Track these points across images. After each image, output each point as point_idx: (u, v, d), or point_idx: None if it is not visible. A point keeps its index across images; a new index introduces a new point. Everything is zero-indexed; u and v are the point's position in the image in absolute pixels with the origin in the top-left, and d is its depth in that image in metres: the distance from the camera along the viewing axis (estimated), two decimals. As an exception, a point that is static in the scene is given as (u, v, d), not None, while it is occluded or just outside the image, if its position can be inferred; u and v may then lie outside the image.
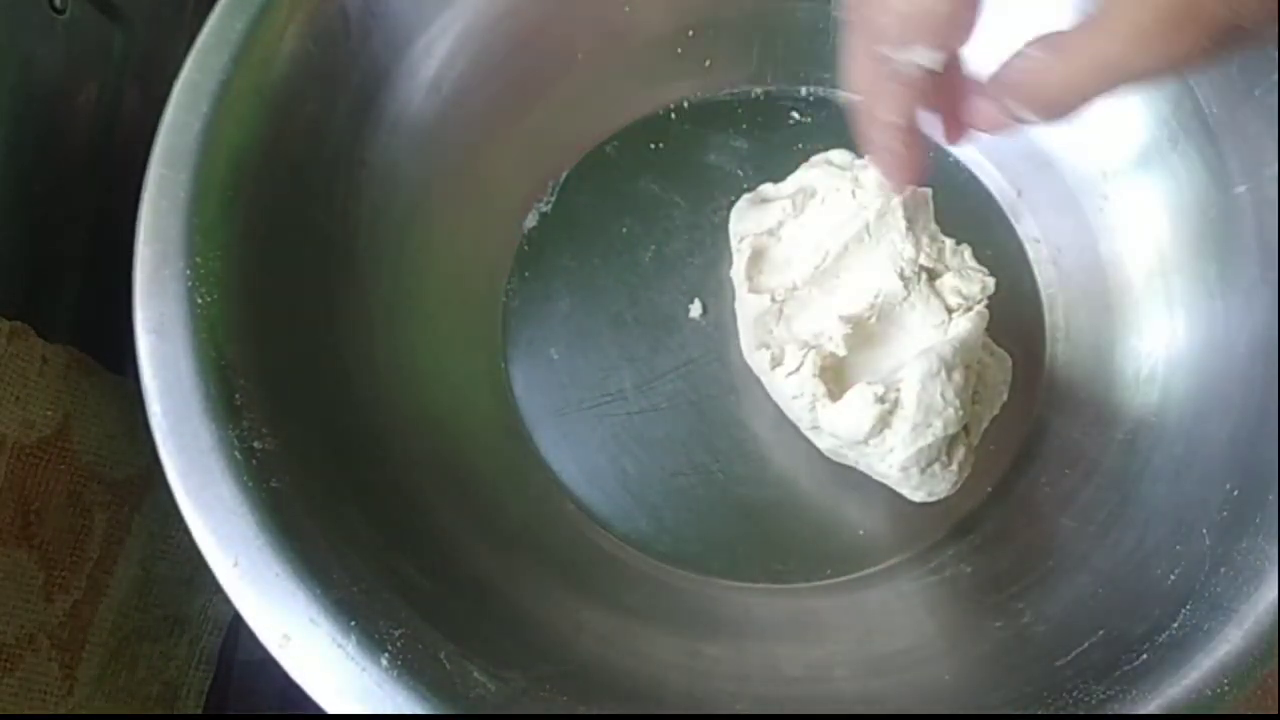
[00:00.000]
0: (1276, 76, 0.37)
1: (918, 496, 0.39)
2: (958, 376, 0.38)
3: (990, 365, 0.41)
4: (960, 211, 0.44)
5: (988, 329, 0.40)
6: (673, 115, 0.48)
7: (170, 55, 0.39)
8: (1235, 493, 0.35)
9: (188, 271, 0.33)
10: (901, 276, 0.39)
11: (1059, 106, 0.28)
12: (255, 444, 0.32)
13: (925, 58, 0.29)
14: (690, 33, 0.47)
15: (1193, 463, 0.38)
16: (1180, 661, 0.32)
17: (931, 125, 0.33)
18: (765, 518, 0.42)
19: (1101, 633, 0.34)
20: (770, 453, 0.42)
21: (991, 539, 0.41)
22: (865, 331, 0.39)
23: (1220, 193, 0.40)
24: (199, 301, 0.33)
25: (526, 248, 0.46)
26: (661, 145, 0.47)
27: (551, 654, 0.35)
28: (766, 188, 0.44)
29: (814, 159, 0.43)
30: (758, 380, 0.42)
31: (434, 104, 0.43)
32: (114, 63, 0.41)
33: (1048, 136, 0.45)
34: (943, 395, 0.37)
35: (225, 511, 0.31)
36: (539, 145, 0.46)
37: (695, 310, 0.44)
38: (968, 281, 0.40)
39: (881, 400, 0.37)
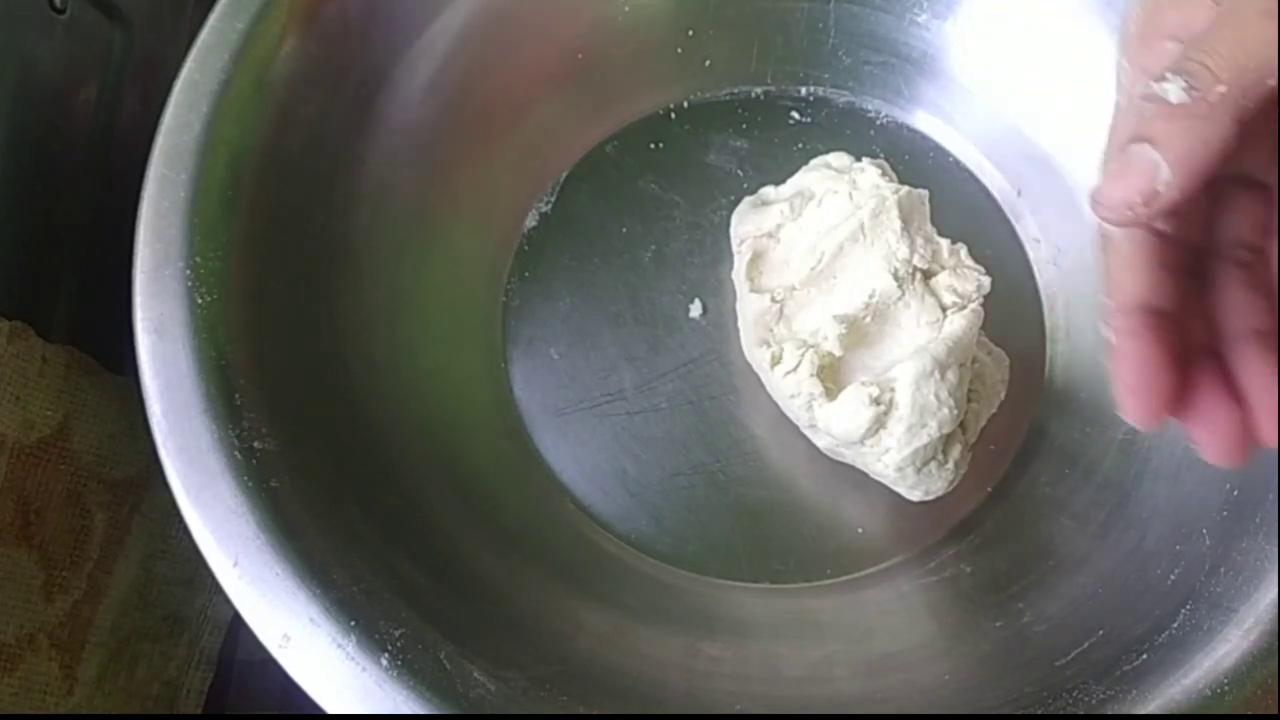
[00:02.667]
0: (1277, 78, 0.37)
1: (915, 495, 0.39)
2: (952, 376, 0.38)
3: (988, 364, 0.41)
4: (960, 211, 0.44)
5: (987, 328, 0.40)
6: (673, 115, 0.48)
7: (170, 55, 0.39)
8: (1235, 493, 0.35)
9: (188, 271, 0.33)
10: (896, 276, 0.39)
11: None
12: (255, 444, 0.32)
13: None
14: (690, 33, 0.47)
15: (1193, 463, 0.38)
16: (1180, 661, 0.32)
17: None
18: (765, 518, 0.42)
19: (1101, 633, 0.34)
20: (770, 452, 0.42)
21: (991, 539, 0.41)
22: (861, 331, 0.39)
23: (1220, 193, 0.40)
24: (199, 301, 0.33)
25: (526, 248, 0.46)
26: (661, 145, 0.47)
27: (551, 654, 0.35)
28: (766, 190, 0.44)
29: (813, 162, 0.43)
30: (758, 380, 0.42)
31: (434, 104, 0.43)
32: (114, 63, 0.41)
33: (1048, 136, 0.45)
34: (937, 395, 0.37)
35: (225, 511, 0.31)
36: (539, 145, 0.46)
37: (695, 310, 0.44)
38: (963, 280, 0.40)
39: (877, 401, 0.37)
